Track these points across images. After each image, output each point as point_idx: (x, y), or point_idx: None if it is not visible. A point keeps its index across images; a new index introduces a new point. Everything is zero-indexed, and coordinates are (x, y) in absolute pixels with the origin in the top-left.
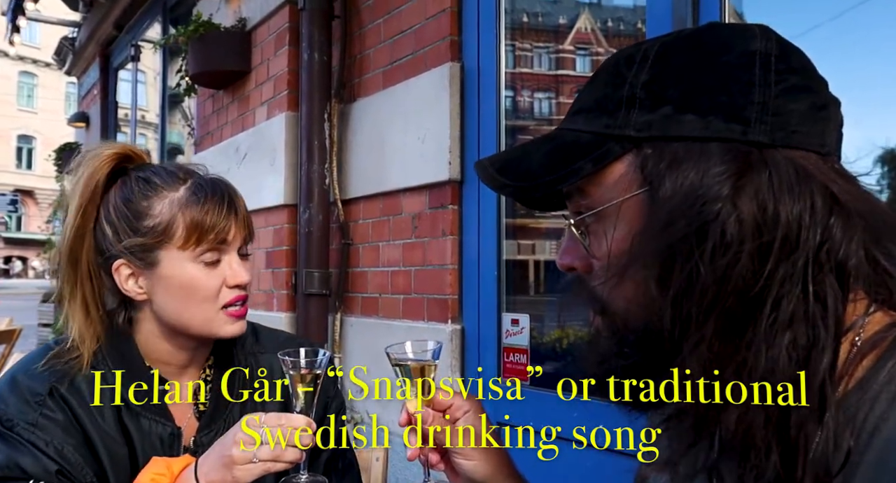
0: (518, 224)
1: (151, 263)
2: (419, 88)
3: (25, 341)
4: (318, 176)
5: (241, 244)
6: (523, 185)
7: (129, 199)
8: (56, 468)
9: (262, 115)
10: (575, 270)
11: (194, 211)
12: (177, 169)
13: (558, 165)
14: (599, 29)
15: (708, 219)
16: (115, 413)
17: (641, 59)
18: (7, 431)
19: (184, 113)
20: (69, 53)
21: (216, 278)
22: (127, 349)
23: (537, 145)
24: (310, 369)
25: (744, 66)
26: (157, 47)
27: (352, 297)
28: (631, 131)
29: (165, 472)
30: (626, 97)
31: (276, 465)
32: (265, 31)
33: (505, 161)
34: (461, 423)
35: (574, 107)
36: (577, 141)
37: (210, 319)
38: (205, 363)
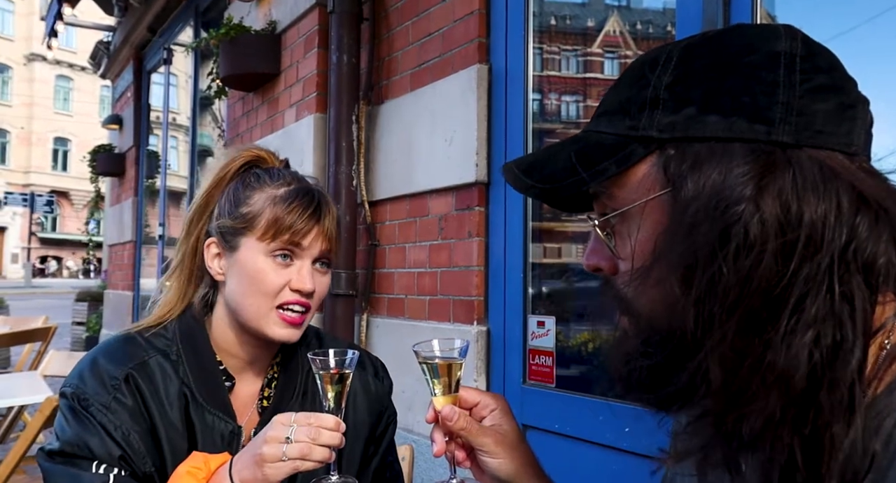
0: (544, 227)
1: (233, 247)
2: (446, 90)
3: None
4: (345, 177)
5: (319, 255)
6: (548, 186)
7: (238, 187)
8: (120, 453)
9: (290, 116)
10: (601, 271)
11: (280, 208)
12: (290, 174)
13: (583, 167)
14: (628, 32)
15: (731, 220)
16: (183, 405)
17: (665, 60)
18: (82, 410)
19: (214, 115)
20: (104, 57)
21: (281, 277)
22: (200, 342)
23: (563, 147)
24: (338, 369)
25: (768, 66)
26: (189, 50)
27: (378, 297)
28: (654, 132)
29: (202, 466)
30: (650, 99)
31: (304, 463)
32: (295, 33)
33: (531, 163)
34: (487, 421)
35: (599, 109)
36: (602, 143)
37: (263, 315)
38: (272, 361)
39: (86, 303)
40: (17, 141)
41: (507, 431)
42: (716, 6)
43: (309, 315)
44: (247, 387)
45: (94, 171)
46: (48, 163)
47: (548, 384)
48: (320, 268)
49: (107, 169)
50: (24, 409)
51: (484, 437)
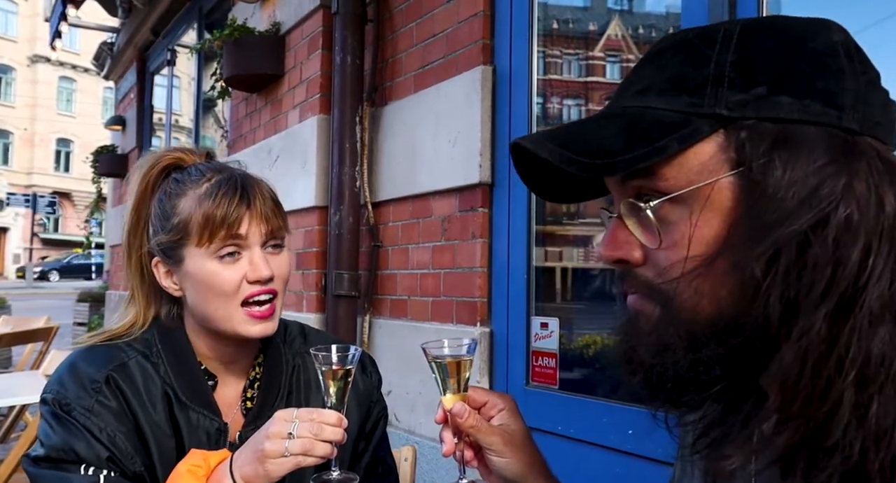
0: (548, 230)
1: (178, 261)
2: (450, 91)
3: (61, 339)
4: (348, 178)
5: (264, 238)
6: (597, 162)
7: (162, 199)
8: (107, 455)
9: (294, 117)
10: (625, 263)
11: (207, 206)
12: (209, 168)
13: (638, 143)
14: (630, 36)
15: (828, 206)
16: (167, 405)
17: (724, 38)
18: (65, 415)
19: (216, 117)
20: (107, 58)
21: (235, 273)
22: (179, 343)
23: (602, 122)
24: (341, 365)
25: (832, 54)
26: (193, 52)
27: (381, 299)
28: (722, 110)
29: (202, 463)
30: (714, 75)
31: (306, 459)
32: (299, 35)
33: (567, 136)
34: (495, 420)
35: (636, 85)
36: (657, 119)
37: (230, 317)
38: (254, 361)
39: (87, 304)
40: (20, 142)
41: (514, 431)
42: (721, 10)
43: (278, 301)
44: (229, 388)
45: (96, 172)
46: (51, 164)
47: (551, 386)
48: (272, 250)
49: (109, 170)
50: (25, 409)
51: (492, 436)
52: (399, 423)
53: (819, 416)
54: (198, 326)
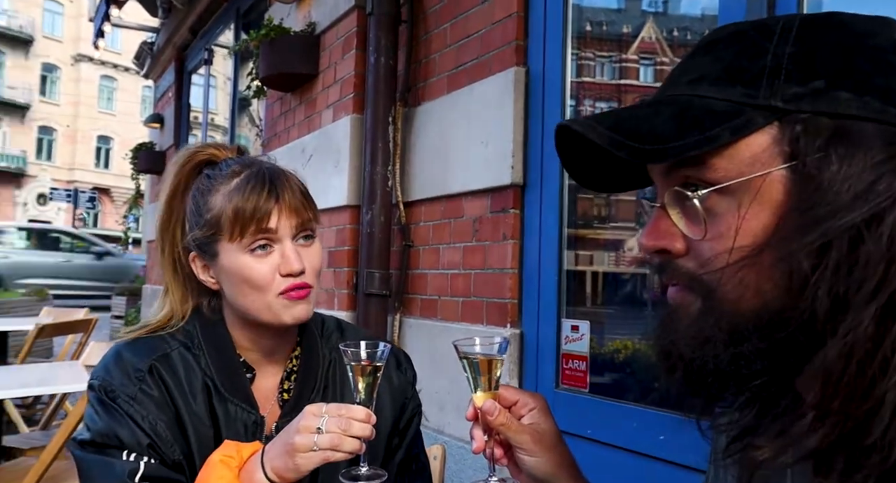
0: (579, 234)
1: (213, 255)
2: (483, 92)
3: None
4: (381, 178)
5: (295, 231)
6: (647, 147)
7: (195, 195)
8: (148, 442)
9: (328, 117)
10: (666, 253)
11: (237, 201)
12: (238, 163)
13: (689, 131)
14: (665, 38)
15: (883, 203)
16: (206, 396)
17: (783, 30)
18: (110, 402)
19: (251, 116)
20: (147, 57)
21: (268, 267)
22: (219, 335)
23: (652, 109)
24: (370, 361)
25: (892, 51)
26: (231, 52)
27: (411, 298)
28: (778, 102)
29: (235, 455)
30: (770, 67)
31: (335, 453)
32: (333, 35)
33: (616, 120)
34: (526, 419)
35: (688, 74)
36: (710, 108)
37: (268, 306)
38: (291, 353)
39: (124, 297)
40: (63, 139)
41: (545, 430)
42: (760, 12)
43: (313, 290)
44: (267, 379)
45: (135, 169)
46: (91, 160)
47: (581, 389)
48: (303, 241)
49: (147, 166)
50: (66, 398)
51: (523, 434)
52: (428, 422)
53: (859, 415)
54: (237, 318)
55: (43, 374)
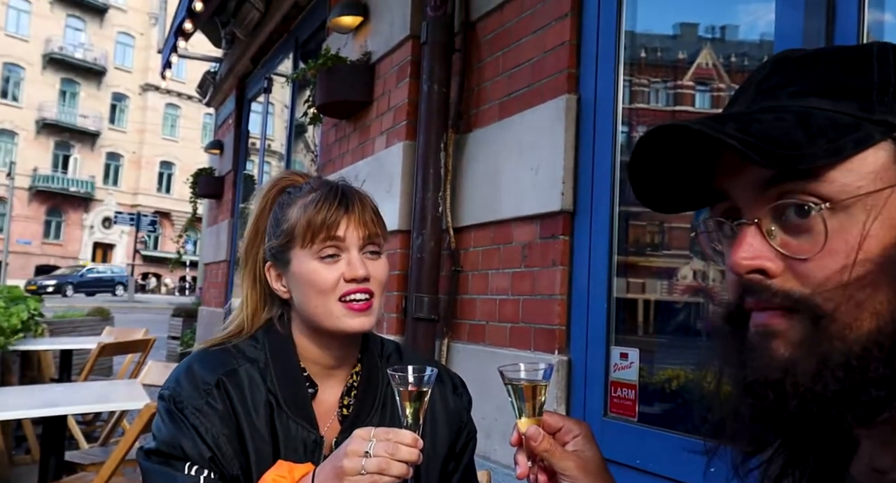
0: (629, 261)
1: (286, 263)
2: (534, 119)
3: (156, 352)
4: (431, 203)
5: (362, 242)
6: (781, 152)
7: (276, 211)
8: (210, 455)
9: (381, 143)
10: (761, 274)
11: (310, 211)
12: (318, 182)
13: (816, 139)
14: (721, 64)
15: None
16: (268, 412)
17: (879, 51)
18: (177, 412)
19: (306, 142)
20: (210, 86)
21: (334, 272)
22: (286, 350)
23: (774, 114)
24: (417, 386)
25: None
26: (289, 81)
27: (459, 323)
28: (894, 119)
29: (287, 475)
30: (879, 83)
31: (382, 478)
32: (388, 63)
33: (739, 123)
34: (570, 446)
35: (786, 87)
36: (832, 119)
37: (330, 311)
38: (352, 369)
39: (181, 318)
40: (129, 164)
41: (589, 458)
42: (818, 40)
43: (375, 301)
44: (328, 394)
45: (194, 193)
46: (154, 185)
47: (630, 418)
48: (370, 255)
49: (206, 191)
50: (124, 416)
51: (567, 461)
52: None
53: None
54: (304, 328)
55: (103, 392)
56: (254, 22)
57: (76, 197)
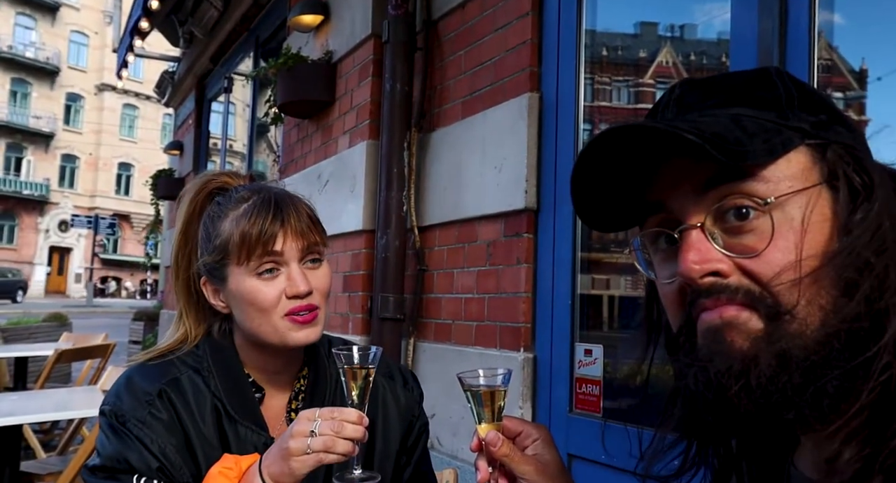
0: (592, 258)
1: (223, 279)
2: (497, 118)
3: (117, 356)
4: (395, 203)
5: (301, 254)
6: (735, 148)
7: (206, 222)
8: (157, 465)
9: (344, 143)
10: (718, 276)
11: (243, 226)
12: (247, 189)
13: (752, 139)
14: (681, 63)
15: None
16: (216, 418)
17: (776, 72)
18: (120, 426)
19: (269, 142)
20: (168, 86)
21: (274, 289)
22: (229, 358)
23: (708, 119)
24: (362, 365)
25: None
26: (249, 80)
27: (425, 322)
28: (806, 126)
29: (234, 466)
30: (786, 97)
31: (328, 456)
32: (350, 63)
33: (686, 124)
34: (530, 450)
35: (706, 100)
36: (759, 123)
37: (275, 328)
38: (299, 373)
39: (142, 322)
40: (85, 166)
41: (548, 461)
42: (771, 40)
43: (320, 312)
44: (276, 400)
45: (154, 195)
46: (112, 187)
47: (594, 413)
48: (311, 264)
49: (167, 193)
50: (83, 423)
51: (526, 465)
52: (442, 447)
53: None
54: (246, 340)
55: (61, 400)
56: (212, 20)
57: (30, 200)
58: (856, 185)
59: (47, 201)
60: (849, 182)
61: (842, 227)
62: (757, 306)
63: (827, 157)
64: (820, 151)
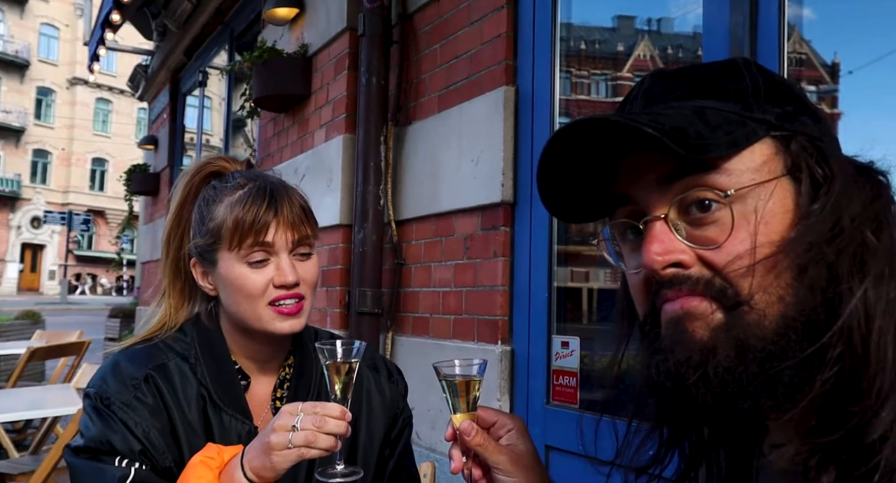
0: (569, 251)
1: (212, 262)
2: (473, 111)
3: (92, 354)
4: (372, 197)
5: (291, 245)
6: (695, 141)
7: (201, 205)
8: (140, 448)
9: (320, 137)
10: (680, 267)
11: (237, 212)
12: (244, 176)
13: (715, 132)
14: (658, 56)
15: (882, 203)
16: (201, 405)
17: (744, 63)
18: (104, 408)
19: (246, 137)
20: (142, 80)
21: (262, 277)
22: (216, 343)
23: (672, 111)
24: (345, 359)
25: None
26: (224, 73)
27: (403, 316)
28: (771, 118)
29: (216, 456)
30: (752, 88)
31: (310, 451)
32: (326, 56)
33: (647, 117)
34: (504, 440)
35: (672, 93)
36: (723, 115)
37: (259, 316)
38: (284, 362)
39: (118, 319)
40: (58, 161)
41: (522, 452)
42: (742, 34)
43: (306, 302)
44: (261, 387)
45: (129, 190)
46: (86, 183)
47: (571, 405)
48: (300, 257)
49: (141, 188)
50: (57, 422)
51: (500, 455)
52: (420, 440)
53: None
54: (232, 325)
55: (34, 398)
56: (186, 13)
57: (1, 196)
58: (817, 176)
59: (19, 197)
60: (811, 174)
61: (801, 219)
62: (717, 297)
63: (791, 149)
64: (784, 143)
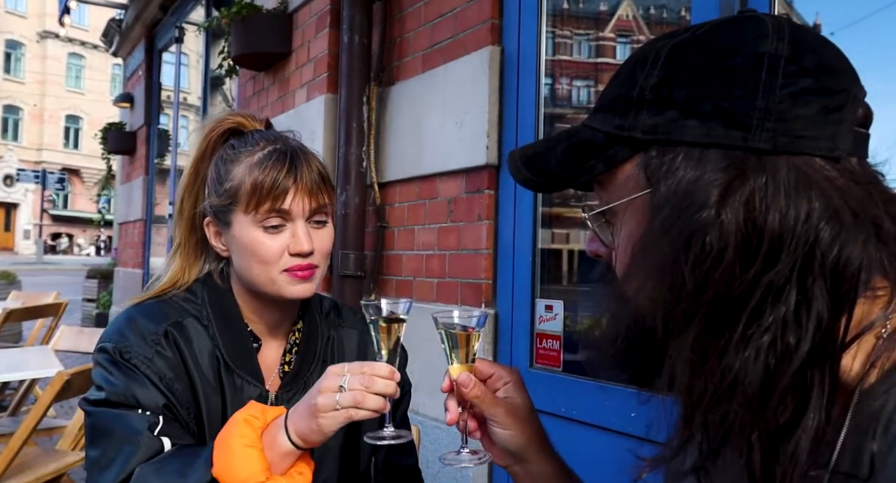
0: (554, 212)
1: (227, 223)
2: (458, 72)
3: (70, 315)
4: (355, 159)
5: (309, 212)
6: (543, 180)
7: (218, 163)
8: (164, 402)
9: (301, 97)
10: (602, 257)
11: (256, 175)
12: (264, 137)
13: (574, 163)
14: (641, 16)
15: (694, 226)
16: (215, 365)
17: (653, 60)
18: (124, 362)
19: (224, 95)
20: (116, 35)
21: (278, 244)
22: (228, 306)
23: (560, 140)
24: (395, 315)
25: (750, 69)
26: (201, 30)
27: (386, 279)
28: (638, 134)
29: (260, 416)
30: (636, 99)
31: (358, 412)
32: (307, 13)
33: (531, 155)
34: (500, 393)
35: (597, 102)
36: (592, 140)
37: (273, 280)
38: (293, 327)
39: (96, 280)
40: (30, 118)
41: (518, 404)
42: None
43: (318, 270)
44: (271, 351)
45: (105, 149)
46: (60, 140)
47: (555, 368)
48: (315, 225)
49: (118, 147)
50: (35, 383)
51: (496, 407)
52: None
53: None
54: (243, 288)
55: (11, 360)
56: None
57: None
58: (661, 188)
59: None
60: (657, 186)
61: (640, 236)
62: (610, 291)
63: (650, 164)
64: (647, 157)
